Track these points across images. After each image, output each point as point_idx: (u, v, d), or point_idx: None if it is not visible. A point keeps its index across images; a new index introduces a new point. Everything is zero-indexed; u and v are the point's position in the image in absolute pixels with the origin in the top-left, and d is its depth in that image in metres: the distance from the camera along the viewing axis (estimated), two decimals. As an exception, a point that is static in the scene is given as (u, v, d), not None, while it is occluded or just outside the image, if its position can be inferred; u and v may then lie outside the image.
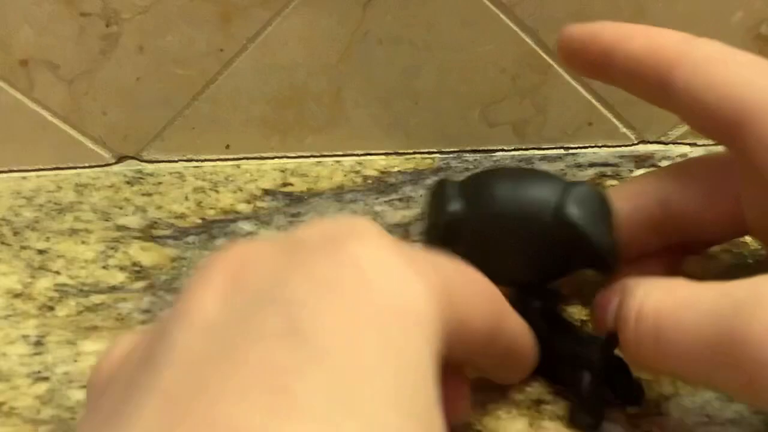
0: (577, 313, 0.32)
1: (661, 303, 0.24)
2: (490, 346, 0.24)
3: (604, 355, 0.26)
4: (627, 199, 0.30)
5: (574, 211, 0.27)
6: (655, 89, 0.29)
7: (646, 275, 0.26)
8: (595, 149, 0.42)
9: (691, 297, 0.24)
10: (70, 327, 0.33)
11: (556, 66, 0.41)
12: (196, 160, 0.44)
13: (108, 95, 0.42)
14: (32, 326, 0.33)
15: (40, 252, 0.37)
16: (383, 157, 0.44)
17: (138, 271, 0.36)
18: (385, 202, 0.40)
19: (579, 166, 0.42)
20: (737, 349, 0.22)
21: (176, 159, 0.44)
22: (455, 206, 0.27)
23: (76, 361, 0.31)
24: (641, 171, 0.40)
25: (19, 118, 0.42)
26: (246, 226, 0.39)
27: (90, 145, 0.43)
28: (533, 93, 0.42)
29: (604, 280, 0.28)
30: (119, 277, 0.36)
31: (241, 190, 0.42)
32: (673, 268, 0.31)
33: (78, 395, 0.29)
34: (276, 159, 0.44)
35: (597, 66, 0.31)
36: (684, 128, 0.43)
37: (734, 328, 0.22)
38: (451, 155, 0.44)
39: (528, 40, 0.41)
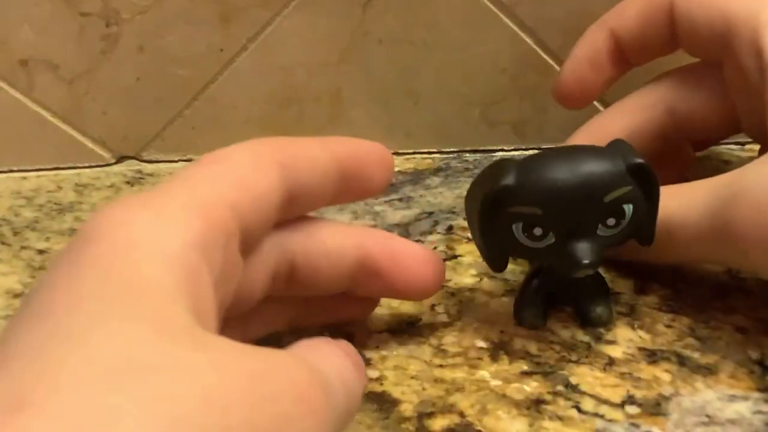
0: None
1: (667, 209, 0.28)
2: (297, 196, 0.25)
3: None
4: (638, 111, 0.34)
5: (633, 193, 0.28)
6: (664, 38, 0.33)
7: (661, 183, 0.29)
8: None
9: (689, 201, 0.29)
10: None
11: (556, 66, 0.41)
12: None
13: (108, 95, 0.42)
14: (32, 326, 0.33)
15: (40, 252, 0.37)
16: (383, 157, 0.44)
17: (138, 271, 0.36)
18: (385, 202, 0.40)
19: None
20: (731, 233, 0.27)
21: (176, 159, 0.44)
22: (510, 179, 0.27)
23: (76, 361, 0.31)
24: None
25: (19, 118, 0.42)
26: (246, 226, 0.39)
27: (90, 145, 0.43)
28: (533, 93, 0.42)
29: None
30: (119, 277, 0.36)
31: (241, 190, 0.42)
32: (683, 170, 0.35)
33: (78, 395, 0.29)
34: (276, 159, 0.44)
35: (607, 63, 0.35)
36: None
37: (726, 221, 0.27)
38: (451, 155, 0.44)
39: (528, 40, 0.41)
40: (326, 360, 0.21)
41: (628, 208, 0.27)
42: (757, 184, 0.27)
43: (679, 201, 0.29)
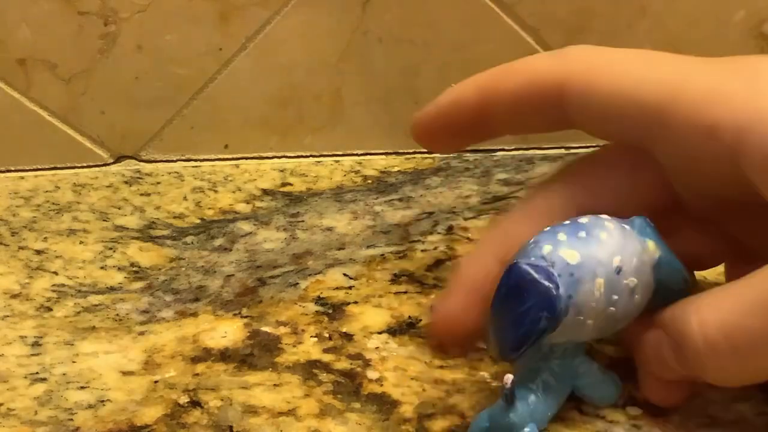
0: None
1: (721, 322, 0.24)
2: None
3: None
4: (545, 215, 0.29)
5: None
6: (545, 118, 0.29)
7: None
8: (596, 149, 0.42)
9: (742, 304, 0.24)
10: (68, 328, 0.32)
11: (556, 65, 0.41)
12: (195, 160, 0.44)
13: (106, 94, 0.42)
14: (30, 327, 0.32)
15: (38, 252, 0.37)
16: (383, 156, 0.44)
17: (136, 272, 0.36)
18: (385, 202, 0.40)
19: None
20: None
21: (175, 159, 0.44)
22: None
23: (74, 362, 0.31)
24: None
25: (16, 118, 0.42)
26: (245, 226, 0.39)
27: (88, 144, 0.43)
28: (534, 92, 0.42)
29: None
30: (117, 278, 0.35)
31: (240, 189, 0.42)
32: None
33: (76, 396, 0.29)
34: (275, 159, 0.44)
35: (469, 127, 0.31)
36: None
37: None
38: (451, 155, 0.44)
39: (529, 39, 0.41)
40: None
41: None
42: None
43: (732, 304, 0.25)
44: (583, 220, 0.27)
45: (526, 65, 0.29)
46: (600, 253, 0.25)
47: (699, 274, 0.30)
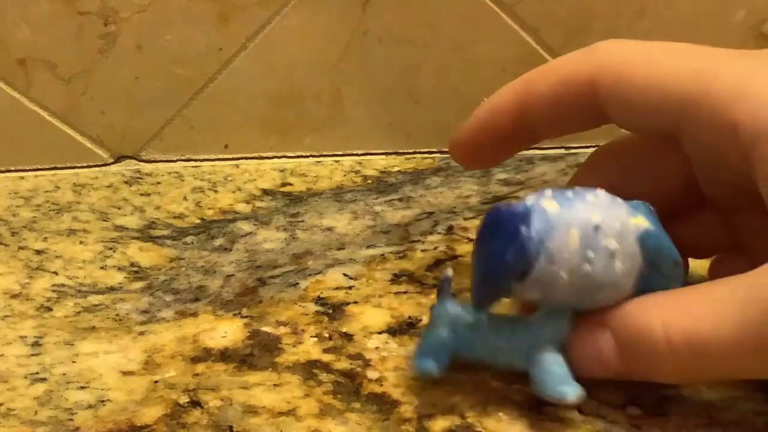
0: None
1: (686, 327, 0.24)
2: None
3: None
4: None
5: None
6: (582, 115, 0.29)
7: None
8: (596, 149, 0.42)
9: (713, 313, 0.24)
10: (68, 328, 0.32)
11: (556, 65, 0.41)
12: (195, 160, 0.44)
13: (106, 94, 0.42)
14: (30, 327, 0.32)
15: (38, 252, 0.37)
16: (383, 156, 0.44)
17: (136, 272, 0.36)
18: (385, 202, 0.40)
19: (580, 165, 0.42)
20: None
21: (175, 159, 0.44)
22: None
23: (74, 362, 0.31)
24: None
25: (16, 118, 0.42)
26: (245, 226, 0.39)
27: (88, 144, 0.43)
28: (534, 92, 0.42)
29: None
30: (117, 278, 0.35)
31: (240, 189, 0.42)
32: None
33: (76, 396, 0.29)
34: (275, 159, 0.44)
35: (511, 136, 0.31)
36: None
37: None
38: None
39: (529, 39, 0.41)
40: None
41: None
42: None
43: (703, 312, 0.25)
44: (578, 188, 0.27)
45: (557, 65, 0.30)
46: (580, 208, 0.26)
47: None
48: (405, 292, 0.34)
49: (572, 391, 0.26)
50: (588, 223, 0.26)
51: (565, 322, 0.27)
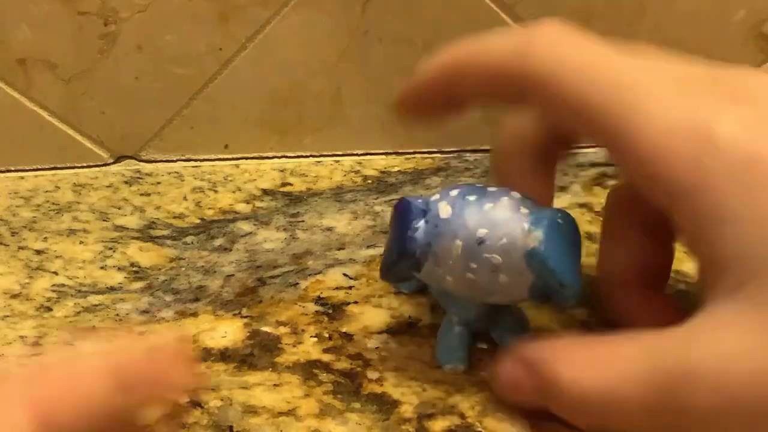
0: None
1: (597, 386, 0.25)
2: None
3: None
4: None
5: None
6: (515, 103, 0.29)
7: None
8: (597, 149, 0.42)
9: (621, 373, 0.24)
10: (68, 328, 0.32)
11: (556, 65, 0.41)
12: (195, 160, 0.44)
13: (106, 94, 0.42)
14: (30, 327, 0.32)
15: (38, 252, 0.37)
16: (383, 156, 0.44)
17: (136, 272, 0.36)
18: (385, 202, 0.40)
19: (580, 165, 0.42)
20: (688, 415, 0.23)
21: (175, 159, 0.44)
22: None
23: (73, 362, 0.31)
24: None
25: (16, 118, 0.42)
26: (245, 226, 0.39)
27: (88, 144, 0.43)
28: (534, 92, 0.42)
29: None
30: (117, 278, 0.35)
31: (240, 189, 0.42)
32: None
33: (76, 396, 0.29)
34: (275, 159, 0.44)
35: (441, 105, 0.30)
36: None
37: (682, 403, 0.23)
38: (451, 155, 0.44)
39: (528, 39, 0.41)
40: None
41: None
42: (717, 370, 0.23)
43: (608, 373, 0.25)
44: (492, 188, 0.28)
45: (489, 53, 0.28)
46: (470, 219, 0.27)
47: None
48: (405, 292, 0.34)
49: (449, 365, 0.29)
50: (471, 236, 0.26)
51: (472, 307, 0.29)
